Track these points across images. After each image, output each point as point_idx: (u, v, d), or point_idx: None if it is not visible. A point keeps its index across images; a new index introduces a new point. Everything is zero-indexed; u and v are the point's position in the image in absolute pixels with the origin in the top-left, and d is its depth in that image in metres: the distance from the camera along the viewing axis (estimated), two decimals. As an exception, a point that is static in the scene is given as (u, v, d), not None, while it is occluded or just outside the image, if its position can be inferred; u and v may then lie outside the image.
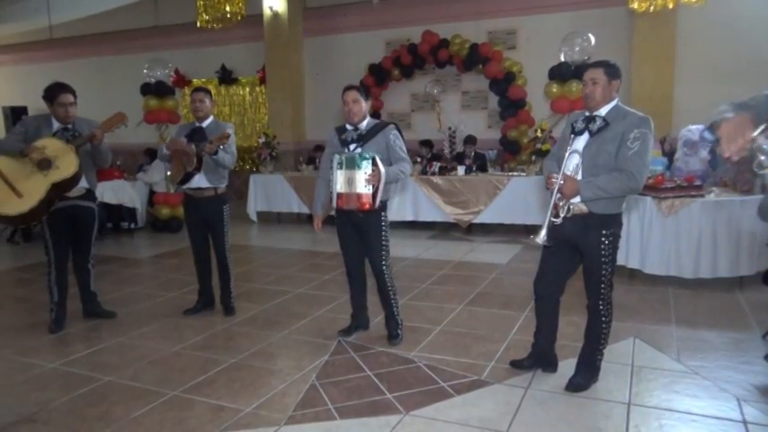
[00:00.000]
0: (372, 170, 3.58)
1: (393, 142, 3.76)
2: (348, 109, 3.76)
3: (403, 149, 3.80)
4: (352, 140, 3.77)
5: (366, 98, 3.80)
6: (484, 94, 9.46)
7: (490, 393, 3.18)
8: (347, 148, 3.77)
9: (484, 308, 4.65)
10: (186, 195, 4.54)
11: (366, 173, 3.58)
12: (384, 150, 3.74)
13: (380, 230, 3.79)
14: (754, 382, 3.23)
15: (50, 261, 4.28)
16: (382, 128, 3.80)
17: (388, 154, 3.76)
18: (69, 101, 4.13)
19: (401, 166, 3.74)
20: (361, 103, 3.76)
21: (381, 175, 3.59)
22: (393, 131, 3.80)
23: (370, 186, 3.59)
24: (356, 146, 3.75)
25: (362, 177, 3.59)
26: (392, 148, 3.76)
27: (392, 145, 3.76)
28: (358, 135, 3.76)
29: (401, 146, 3.80)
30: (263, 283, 5.61)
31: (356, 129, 3.79)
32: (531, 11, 8.99)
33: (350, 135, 3.79)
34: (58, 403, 3.17)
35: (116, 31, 12.06)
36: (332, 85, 10.40)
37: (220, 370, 3.56)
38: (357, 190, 3.62)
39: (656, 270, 5.09)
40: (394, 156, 3.76)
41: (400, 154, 3.77)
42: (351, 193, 3.65)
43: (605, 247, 2.99)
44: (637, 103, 7.82)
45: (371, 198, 3.61)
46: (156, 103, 8.79)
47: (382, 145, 3.75)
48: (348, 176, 3.64)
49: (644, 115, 2.93)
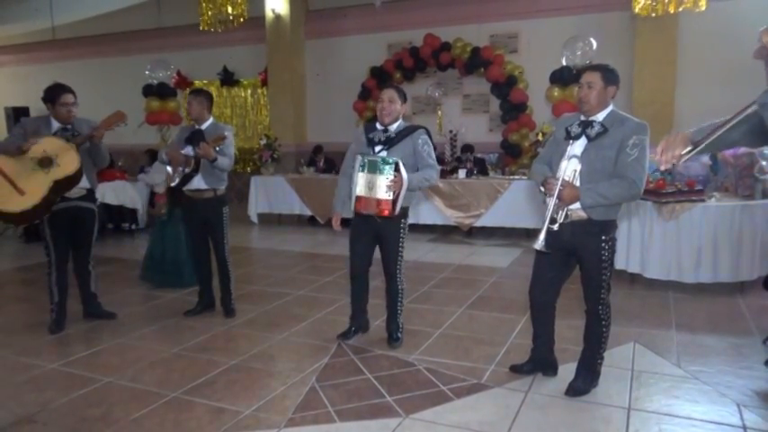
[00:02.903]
0: (395, 176, 3.47)
1: (421, 147, 3.66)
2: (382, 107, 3.66)
3: (431, 155, 3.70)
4: (379, 142, 3.67)
5: (403, 100, 3.71)
6: (485, 98, 9.47)
7: (490, 397, 3.17)
8: (373, 149, 3.68)
9: (484, 311, 4.65)
10: (186, 197, 4.54)
11: (388, 178, 3.46)
12: (411, 155, 3.65)
13: (399, 236, 3.73)
14: (755, 387, 3.23)
15: (51, 262, 4.28)
16: (411, 131, 3.69)
17: (415, 159, 3.66)
18: (71, 101, 4.14)
19: (426, 174, 3.64)
20: (397, 104, 3.66)
21: (404, 181, 3.49)
22: (422, 136, 3.70)
23: (390, 192, 3.48)
24: (382, 148, 3.65)
25: (384, 183, 3.48)
26: (419, 154, 3.66)
27: (420, 150, 3.66)
28: (386, 137, 3.66)
29: (429, 151, 3.70)
30: (264, 284, 5.61)
31: (386, 130, 3.69)
32: (533, 15, 9.01)
33: (378, 136, 3.69)
34: (58, 404, 3.17)
35: (118, 32, 12.09)
36: (333, 88, 10.45)
37: (220, 372, 3.56)
38: (377, 195, 3.52)
39: (656, 274, 5.09)
40: (421, 161, 3.66)
41: (428, 160, 3.67)
42: (370, 197, 3.55)
43: (605, 252, 2.99)
44: (638, 108, 7.84)
45: (391, 205, 3.51)
46: (157, 105, 8.82)
47: (409, 149, 3.65)
48: (369, 180, 3.54)
49: (641, 121, 2.93)
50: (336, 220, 3.91)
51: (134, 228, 8.47)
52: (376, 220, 3.65)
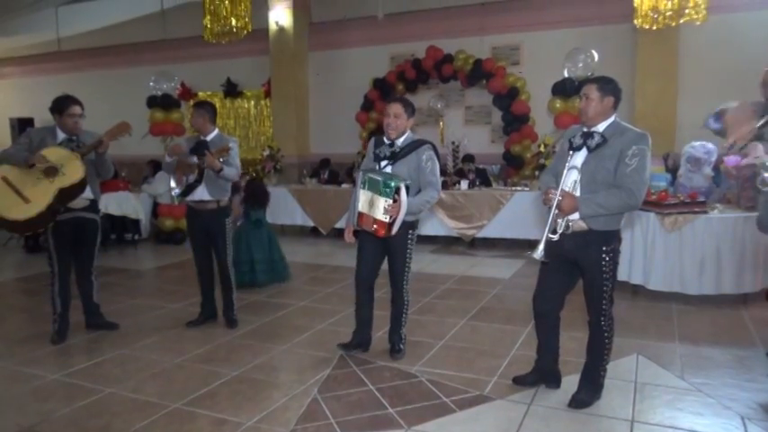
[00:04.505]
0: (393, 201, 3.42)
1: (425, 164, 3.61)
2: (387, 123, 3.63)
3: (434, 173, 3.64)
4: (384, 157, 3.65)
5: (410, 114, 3.67)
6: (487, 109, 9.51)
7: (492, 409, 3.16)
8: (378, 164, 3.66)
9: (487, 323, 4.64)
10: (189, 208, 4.56)
11: (387, 202, 3.43)
12: (414, 171, 3.62)
13: (406, 248, 3.72)
14: (759, 399, 3.21)
15: (54, 272, 4.29)
16: (417, 146, 3.65)
17: (418, 175, 3.63)
18: (78, 112, 4.19)
19: (427, 195, 3.61)
20: (403, 119, 3.62)
21: (401, 207, 3.45)
22: (428, 152, 3.65)
23: (387, 216, 3.47)
24: (387, 163, 3.64)
25: (382, 205, 3.46)
26: (422, 170, 3.62)
27: (423, 167, 3.62)
28: (391, 152, 3.64)
29: (432, 168, 3.63)
30: (266, 295, 5.61)
31: (392, 144, 3.67)
32: (535, 27, 9.07)
33: (384, 150, 3.67)
34: (60, 415, 3.16)
35: (123, 44, 12.19)
36: (336, 99, 10.51)
37: (222, 383, 3.55)
38: (375, 215, 3.52)
39: (659, 286, 5.07)
40: (423, 179, 3.63)
41: (430, 178, 3.62)
42: (370, 215, 3.55)
43: (606, 263, 2.99)
44: (640, 120, 7.86)
45: (387, 227, 3.49)
46: (161, 116, 8.86)
47: (413, 165, 3.62)
48: (370, 198, 3.54)
49: (642, 132, 2.95)
50: (349, 233, 3.86)
51: (137, 238, 8.48)
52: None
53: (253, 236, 5.84)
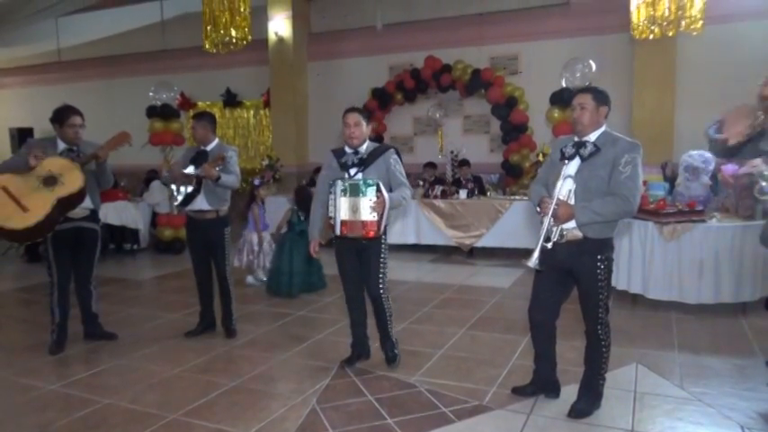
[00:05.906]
0: (377, 197, 3.52)
1: (393, 167, 3.73)
2: (349, 132, 3.70)
3: (403, 174, 3.77)
4: (352, 164, 3.71)
5: (368, 121, 3.77)
6: (486, 119, 9.54)
7: (492, 419, 3.15)
8: (347, 172, 3.72)
9: (486, 332, 4.63)
10: (188, 218, 4.57)
11: (371, 200, 3.51)
12: (384, 175, 3.70)
13: (380, 255, 3.74)
14: (758, 409, 3.20)
15: (53, 282, 4.29)
16: (383, 152, 3.76)
17: (388, 178, 3.72)
18: (79, 123, 4.21)
19: (402, 192, 3.70)
20: (363, 127, 3.71)
21: (386, 201, 3.54)
22: (393, 156, 3.77)
23: (375, 213, 3.53)
24: (357, 170, 3.70)
25: (367, 204, 3.53)
26: (392, 173, 3.72)
27: (392, 170, 3.72)
28: (359, 159, 3.71)
29: (401, 170, 3.77)
30: (264, 305, 5.60)
31: (356, 152, 3.74)
32: (533, 37, 9.12)
33: (350, 159, 3.74)
34: (58, 425, 3.15)
35: (123, 54, 12.23)
36: (335, 109, 10.50)
37: (221, 393, 3.54)
38: (362, 217, 3.56)
39: (658, 295, 5.07)
40: (394, 180, 3.72)
41: (400, 179, 3.73)
42: (355, 220, 3.58)
43: (601, 271, 3.01)
44: (638, 129, 7.89)
45: (377, 225, 3.56)
46: (161, 126, 8.87)
47: (383, 170, 3.71)
48: (353, 203, 3.58)
49: (633, 140, 3.02)
50: (314, 246, 3.88)
51: (136, 248, 8.48)
52: (360, 242, 3.67)
53: (296, 246, 5.89)
